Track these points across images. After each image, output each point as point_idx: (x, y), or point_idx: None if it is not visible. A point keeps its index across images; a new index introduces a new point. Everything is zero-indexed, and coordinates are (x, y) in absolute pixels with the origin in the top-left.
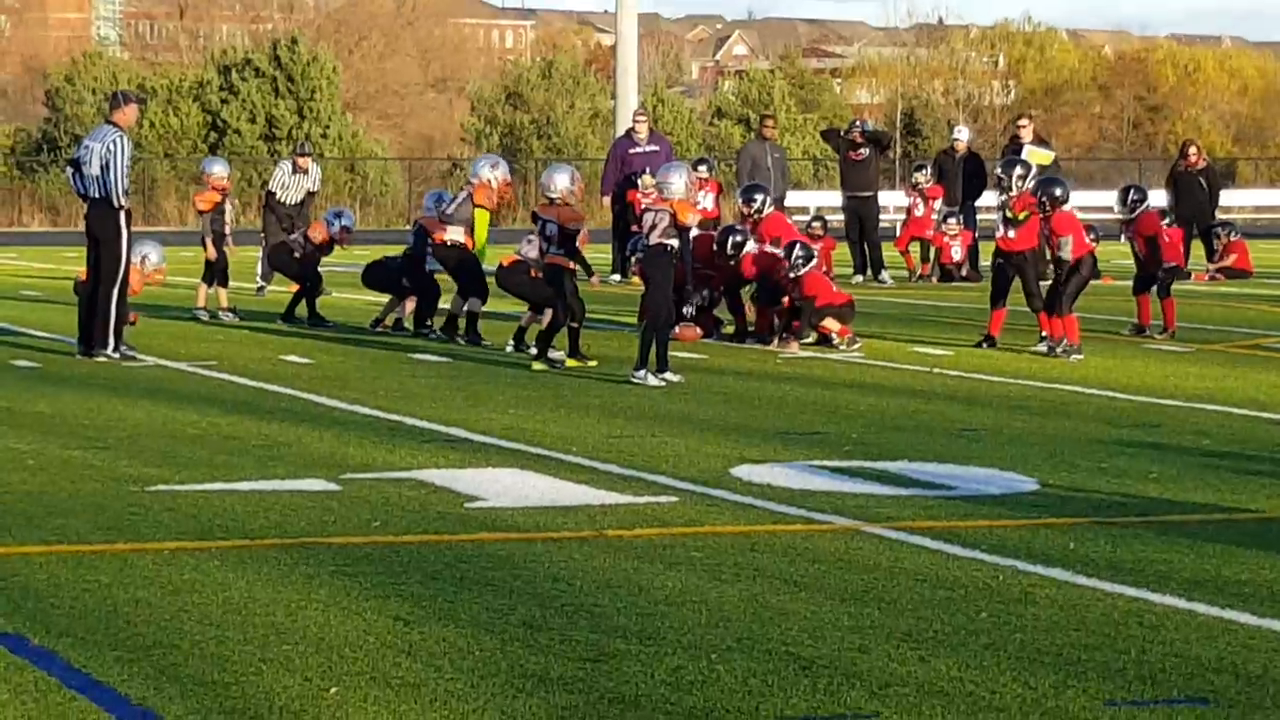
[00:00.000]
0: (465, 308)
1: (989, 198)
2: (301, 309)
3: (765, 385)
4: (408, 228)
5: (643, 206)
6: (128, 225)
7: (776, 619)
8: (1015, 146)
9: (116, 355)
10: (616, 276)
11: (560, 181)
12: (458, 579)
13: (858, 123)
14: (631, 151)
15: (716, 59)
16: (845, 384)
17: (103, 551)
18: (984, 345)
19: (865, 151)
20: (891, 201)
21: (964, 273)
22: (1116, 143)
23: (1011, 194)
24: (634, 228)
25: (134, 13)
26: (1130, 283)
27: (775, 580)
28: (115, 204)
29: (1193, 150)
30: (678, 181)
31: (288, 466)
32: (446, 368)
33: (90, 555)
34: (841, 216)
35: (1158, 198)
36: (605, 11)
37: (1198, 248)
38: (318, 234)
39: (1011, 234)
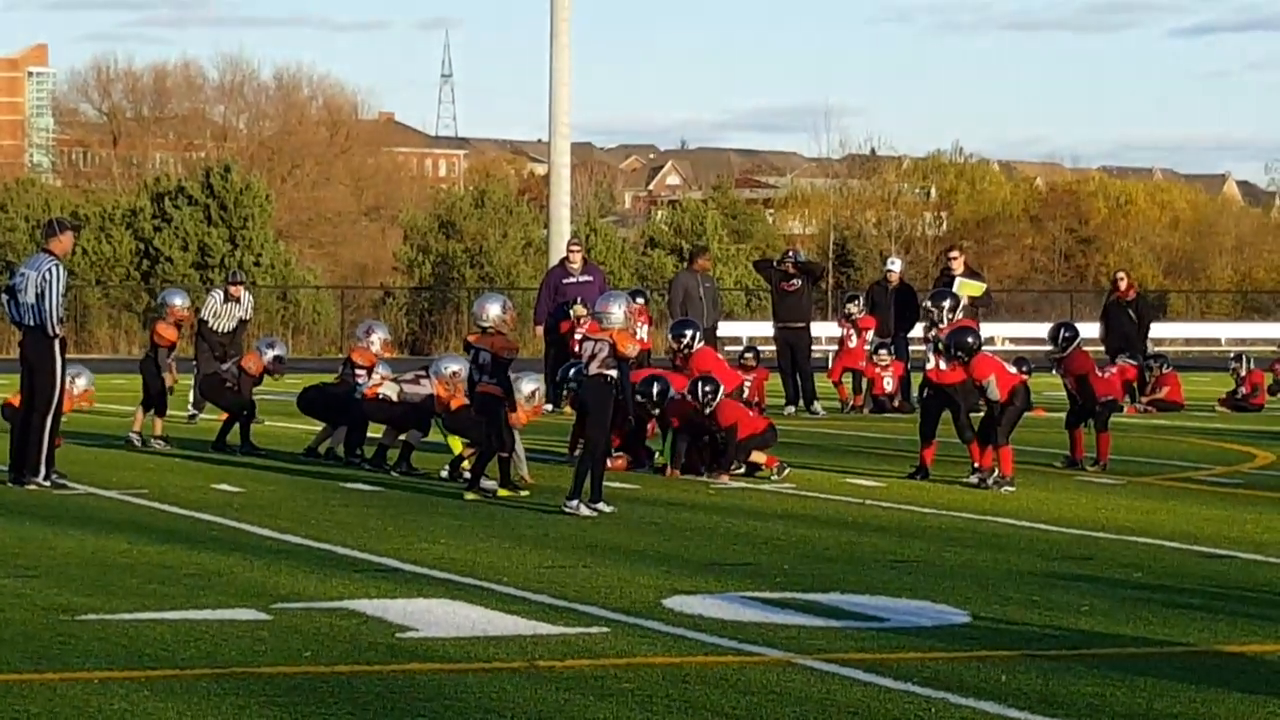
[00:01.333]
0: (402, 438)
1: (920, 329)
2: (234, 436)
3: (697, 516)
4: (340, 356)
5: (580, 336)
6: (62, 353)
7: None
8: (947, 278)
9: (47, 483)
10: (549, 406)
11: (492, 310)
12: (388, 710)
13: (790, 253)
14: (565, 281)
15: (650, 188)
16: (777, 515)
17: (32, 681)
18: (916, 476)
19: (798, 282)
20: (824, 332)
21: (896, 403)
22: (1048, 274)
23: (940, 326)
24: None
25: (67, 140)
26: (1064, 415)
27: (707, 712)
28: (50, 332)
29: (1123, 281)
30: (617, 311)
31: (218, 595)
32: (378, 497)
33: (19, 685)
34: (774, 347)
35: (1089, 330)
36: (538, 141)
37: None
38: (251, 364)
39: (942, 365)
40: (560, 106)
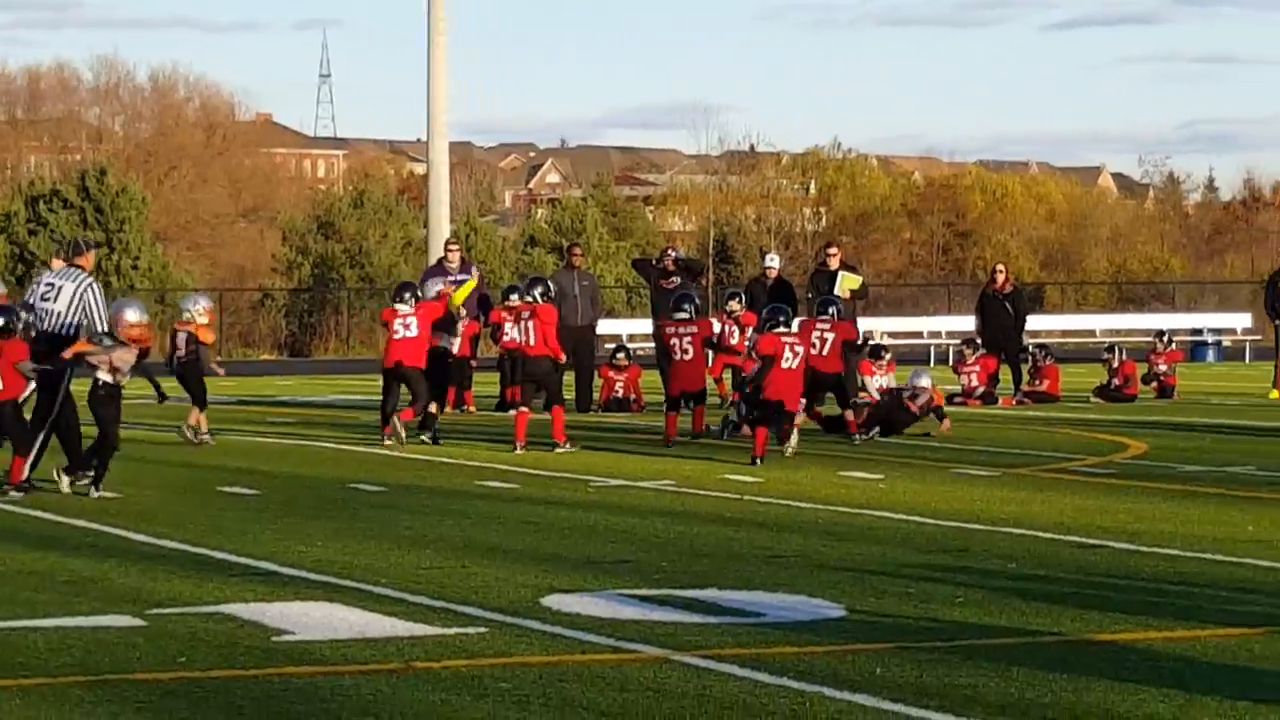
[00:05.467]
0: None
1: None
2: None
3: (576, 514)
4: (220, 358)
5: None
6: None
7: None
8: (824, 273)
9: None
10: None
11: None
12: (264, 714)
13: (670, 250)
14: (445, 280)
15: (529, 187)
16: (655, 512)
17: None
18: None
19: (677, 279)
20: None
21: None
22: (926, 268)
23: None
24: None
25: None
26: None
27: (583, 710)
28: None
29: (1000, 274)
30: None
31: (93, 602)
32: (255, 500)
33: None
34: (653, 344)
35: (966, 323)
36: (417, 140)
37: (1005, 372)
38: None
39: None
40: (438, 106)
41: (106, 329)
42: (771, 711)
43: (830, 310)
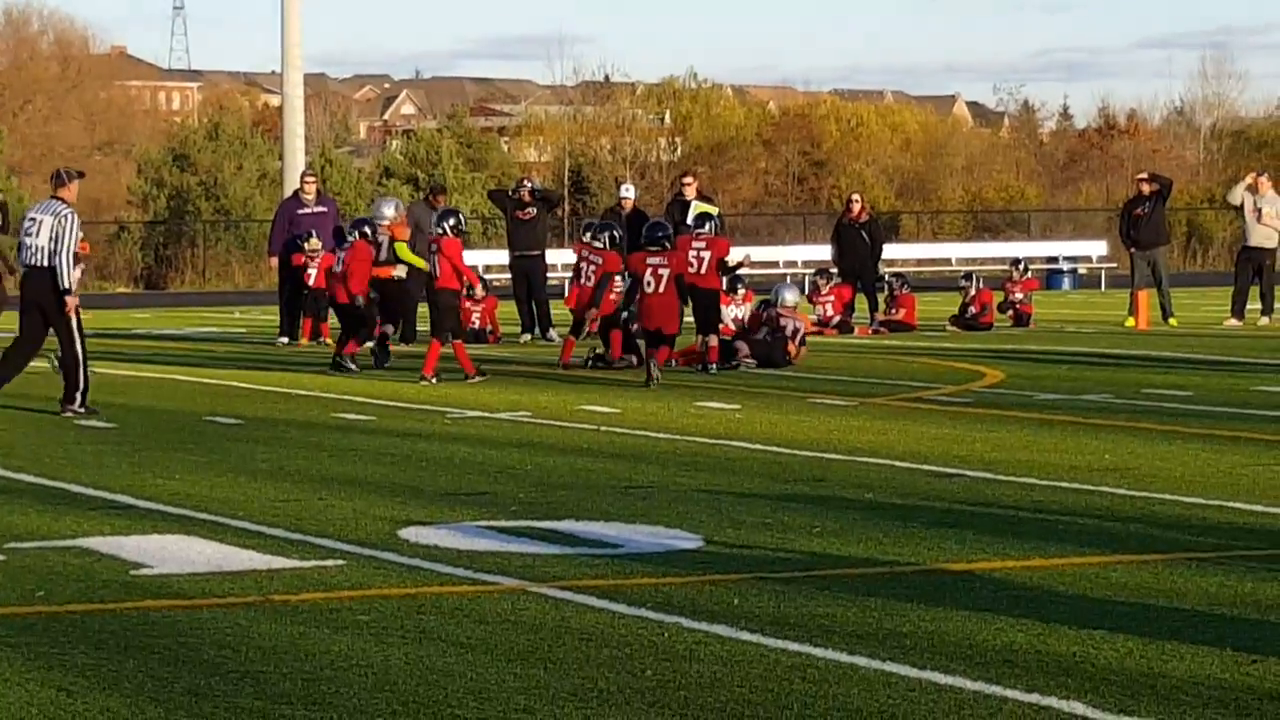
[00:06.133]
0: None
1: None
2: None
3: (433, 446)
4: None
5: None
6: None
7: (442, 681)
8: (680, 203)
9: (83, 410)
10: (284, 340)
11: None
12: (122, 648)
13: (525, 181)
14: (300, 212)
15: (384, 118)
16: (512, 444)
17: None
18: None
19: (533, 210)
20: (560, 259)
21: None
22: (782, 198)
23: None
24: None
25: None
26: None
27: (441, 642)
28: (62, 285)
29: (856, 203)
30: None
31: None
32: (113, 434)
33: None
34: (509, 275)
35: (822, 252)
36: (272, 72)
37: (861, 302)
38: None
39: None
40: (292, 38)
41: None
42: (629, 642)
43: (707, 226)
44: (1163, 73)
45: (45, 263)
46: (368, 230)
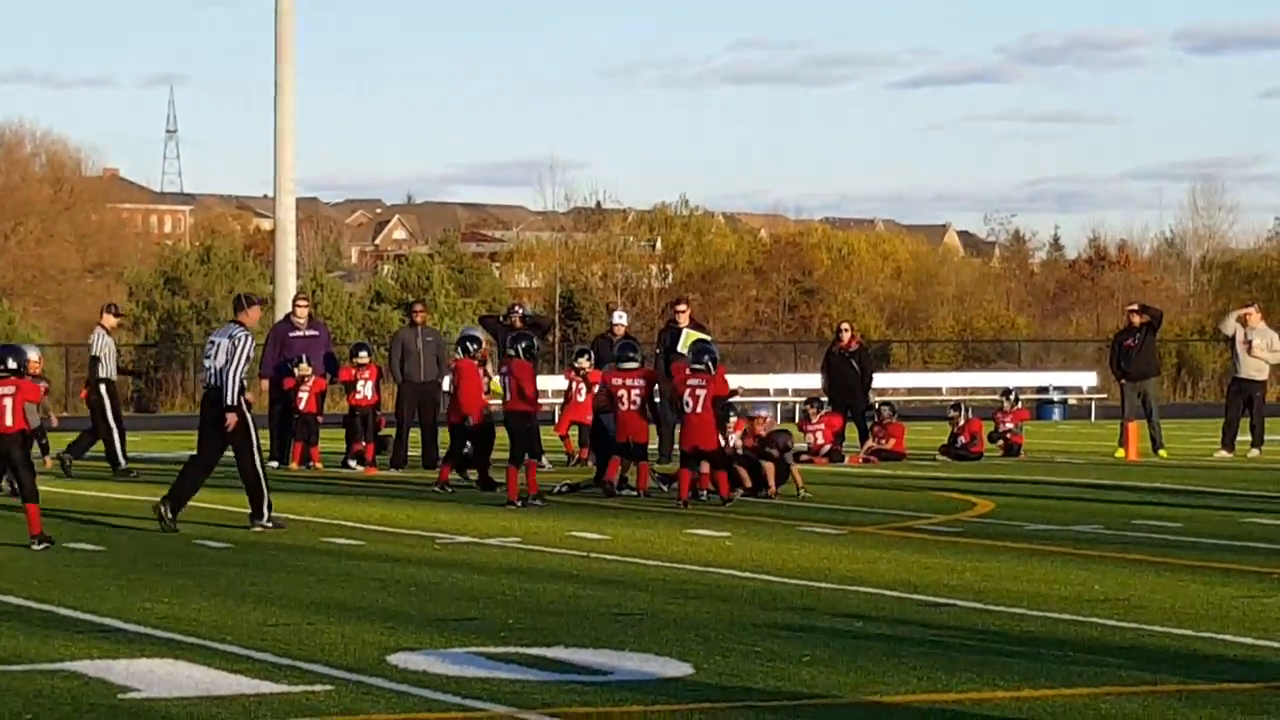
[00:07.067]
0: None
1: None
2: None
3: (422, 571)
4: (66, 414)
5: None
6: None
7: None
8: (673, 330)
9: (269, 525)
10: (274, 464)
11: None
12: None
13: (517, 307)
14: (291, 335)
15: (376, 243)
16: (502, 569)
17: None
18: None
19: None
20: (550, 385)
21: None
22: (773, 325)
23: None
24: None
25: None
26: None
27: None
28: (228, 401)
29: (846, 332)
30: None
31: None
32: (101, 556)
33: None
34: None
35: (812, 380)
36: (264, 196)
37: (851, 431)
38: None
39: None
40: (285, 162)
41: (241, 388)
42: None
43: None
44: (1153, 204)
45: (220, 383)
46: (470, 347)
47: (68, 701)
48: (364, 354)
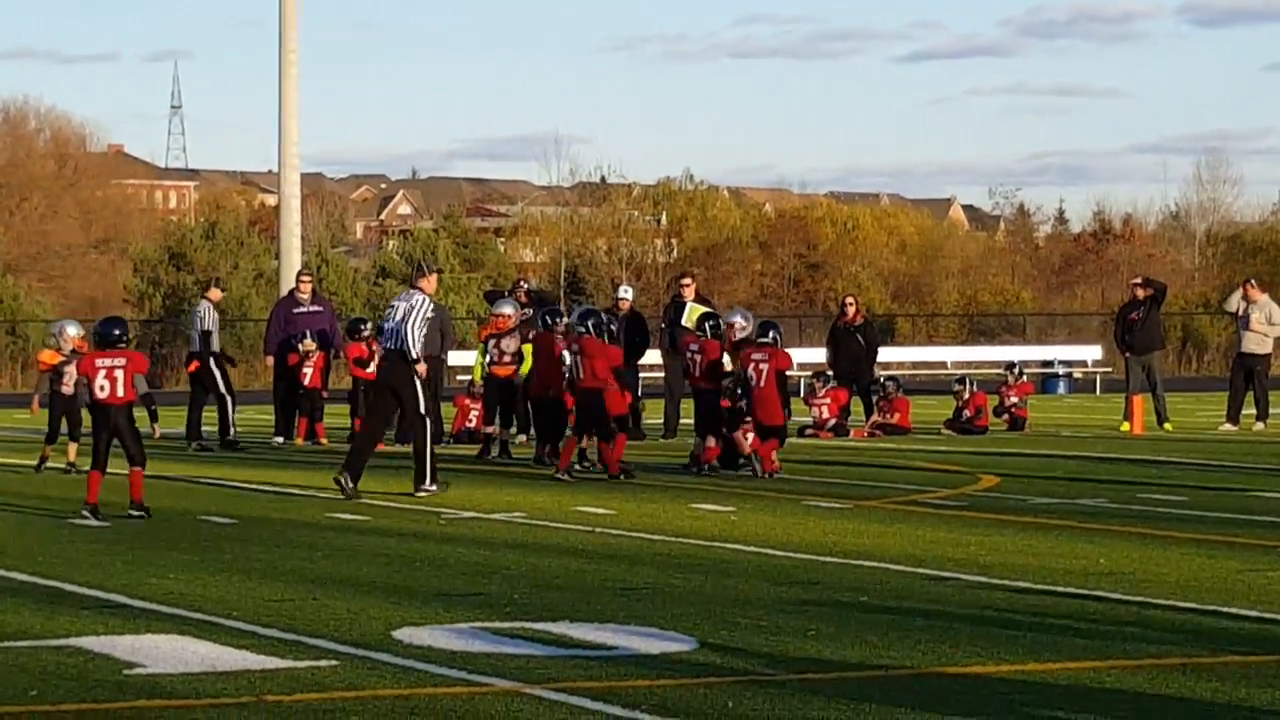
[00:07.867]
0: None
1: (653, 356)
2: None
3: (428, 546)
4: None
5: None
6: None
7: None
8: (678, 304)
9: (434, 488)
10: (280, 439)
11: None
12: None
13: (522, 282)
14: (295, 311)
15: (381, 218)
16: (507, 544)
17: None
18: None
19: (530, 311)
20: None
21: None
22: (778, 299)
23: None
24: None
25: None
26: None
27: None
28: (410, 356)
29: (850, 306)
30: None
31: None
32: (107, 532)
33: None
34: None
35: (817, 355)
36: (269, 171)
37: (856, 405)
38: None
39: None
40: (289, 138)
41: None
42: None
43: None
44: (1158, 177)
45: (396, 345)
46: (550, 320)
47: (73, 677)
48: (366, 328)
